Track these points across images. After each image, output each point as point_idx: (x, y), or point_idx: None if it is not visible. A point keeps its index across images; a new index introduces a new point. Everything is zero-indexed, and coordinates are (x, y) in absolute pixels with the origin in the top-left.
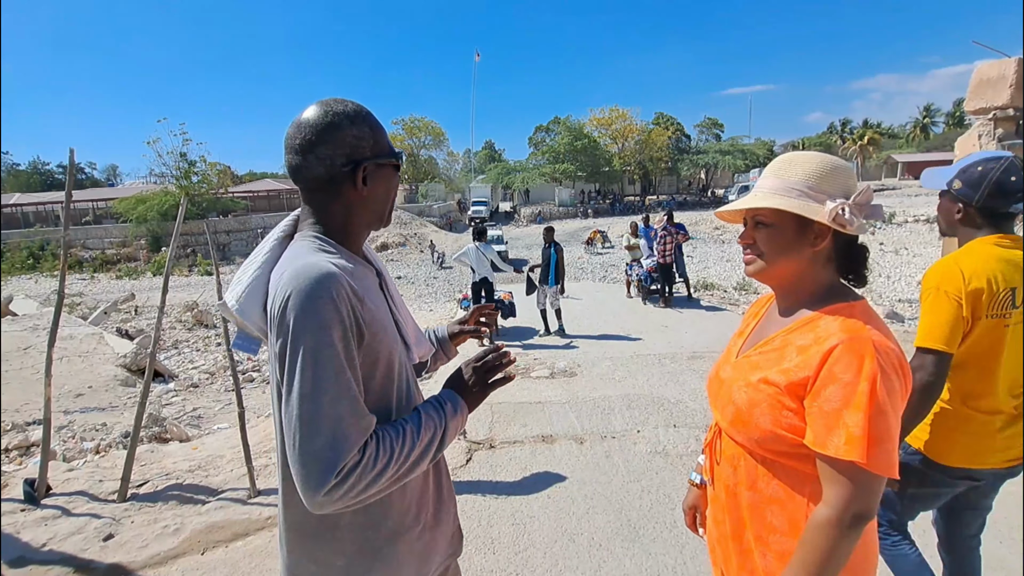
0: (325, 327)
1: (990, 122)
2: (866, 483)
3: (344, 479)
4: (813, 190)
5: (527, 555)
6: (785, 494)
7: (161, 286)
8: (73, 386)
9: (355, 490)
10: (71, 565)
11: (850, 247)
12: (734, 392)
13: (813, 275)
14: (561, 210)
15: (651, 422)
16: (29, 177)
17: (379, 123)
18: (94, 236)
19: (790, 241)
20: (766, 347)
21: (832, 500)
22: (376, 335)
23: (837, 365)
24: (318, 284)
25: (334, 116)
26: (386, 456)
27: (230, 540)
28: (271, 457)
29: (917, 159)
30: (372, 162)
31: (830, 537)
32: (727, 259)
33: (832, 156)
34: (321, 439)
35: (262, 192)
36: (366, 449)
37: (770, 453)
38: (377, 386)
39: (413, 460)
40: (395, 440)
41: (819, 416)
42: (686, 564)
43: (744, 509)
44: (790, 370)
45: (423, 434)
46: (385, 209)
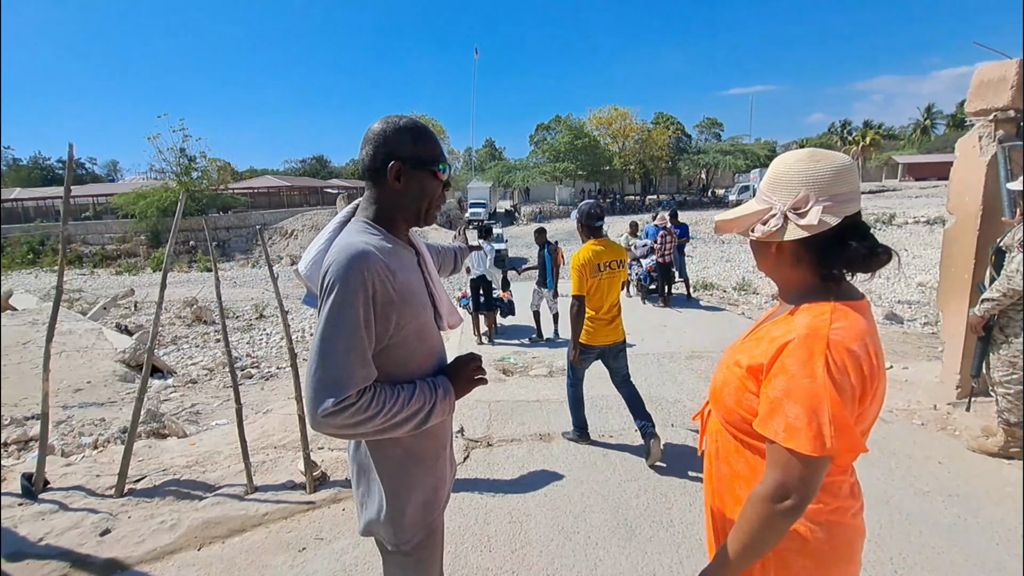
0: (351, 291)
1: (990, 124)
2: (800, 469)
3: (341, 410)
4: (765, 196)
5: (524, 553)
6: (750, 471)
7: (160, 282)
8: (72, 381)
9: (346, 423)
10: (68, 559)
11: (839, 244)
12: (718, 371)
13: (788, 273)
14: (561, 209)
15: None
16: (30, 172)
17: (426, 136)
18: (94, 231)
19: (756, 244)
20: (754, 336)
21: (767, 479)
22: (407, 301)
23: (788, 358)
24: (351, 259)
25: (385, 124)
26: (377, 407)
27: (227, 536)
28: (268, 454)
29: (918, 160)
30: (406, 163)
31: (759, 513)
32: (727, 259)
33: (796, 158)
34: (329, 373)
35: (262, 189)
36: (363, 394)
37: (737, 431)
38: (410, 344)
39: (399, 420)
40: (388, 398)
41: (766, 401)
42: (682, 563)
43: (721, 479)
44: (756, 356)
45: (413, 403)
46: (420, 207)
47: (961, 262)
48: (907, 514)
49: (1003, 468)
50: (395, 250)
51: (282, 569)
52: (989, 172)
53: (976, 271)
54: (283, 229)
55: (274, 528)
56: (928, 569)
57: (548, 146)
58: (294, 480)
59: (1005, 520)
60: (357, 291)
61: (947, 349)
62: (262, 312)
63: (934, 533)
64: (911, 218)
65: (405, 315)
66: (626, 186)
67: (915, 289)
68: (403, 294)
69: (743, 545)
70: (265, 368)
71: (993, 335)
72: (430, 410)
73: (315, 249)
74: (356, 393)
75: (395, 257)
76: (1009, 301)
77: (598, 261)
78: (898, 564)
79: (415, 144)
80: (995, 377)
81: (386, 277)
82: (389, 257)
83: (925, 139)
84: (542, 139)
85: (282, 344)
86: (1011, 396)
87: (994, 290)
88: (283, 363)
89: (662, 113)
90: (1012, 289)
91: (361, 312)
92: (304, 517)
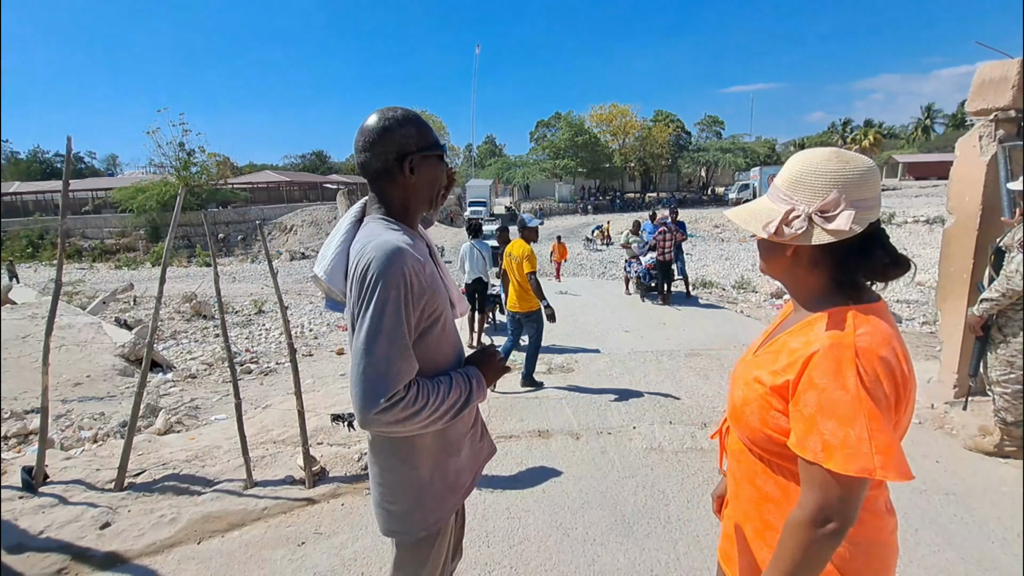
0: (394, 288)
1: (991, 123)
2: (839, 490)
3: (391, 406)
4: (784, 196)
5: (522, 548)
6: (781, 494)
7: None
8: (71, 375)
9: (397, 418)
10: (68, 552)
11: (858, 248)
12: (735, 388)
13: (802, 278)
14: (561, 206)
15: (647, 418)
16: (29, 165)
17: (423, 122)
18: (93, 225)
19: (768, 245)
20: (770, 348)
21: (805, 503)
22: (434, 293)
23: (815, 371)
24: (392, 256)
25: (386, 121)
26: (423, 400)
27: (226, 530)
28: (267, 449)
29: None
30: (418, 155)
31: (801, 540)
32: (726, 257)
33: (820, 158)
34: (378, 370)
35: (261, 184)
36: (410, 388)
37: (764, 452)
38: (438, 337)
39: (443, 411)
40: (432, 391)
41: (799, 420)
42: (679, 560)
43: (747, 502)
44: (778, 372)
45: (452, 394)
46: (433, 193)
47: (960, 262)
48: (903, 512)
49: (999, 467)
50: (416, 244)
51: (281, 563)
52: (989, 172)
53: (975, 271)
54: (282, 224)
55: (273, 522)
56: (924, 567)
57: (548, 143)
58: (293, 475)
59: (1001, 519)
60: (398, 287)
61: (945, 348)
62: (261, 307)
63: (930, 531)
64: (911, 217)
65: (432, 305)
66: (626, 183)
67: (914, 288)
68: (432, 285)
69: (787, 573)
70: (264, 363)
71: (991, 335)
72: (467, 399)
73: (332, 251)
74: (404, 388)
75: (418, 251)
76: (1008, 301)
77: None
78: None
79: (419, 133)
80: (992, 376)
81: (418, 270)
82: (416, 250)
83: (925, 138)
84: (542, 136)
85: (281, 339)
86: (1008, 395)
87: (993, 290)
88: (282, 358)
89: (662, 110)
90: (1011, 289)
91: (403, 308)
92: (303, 512)
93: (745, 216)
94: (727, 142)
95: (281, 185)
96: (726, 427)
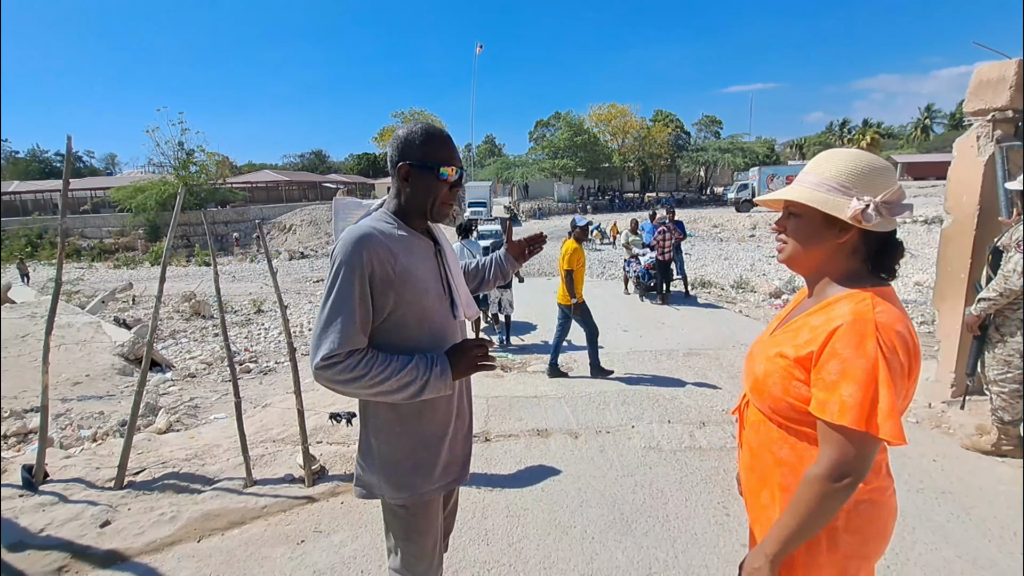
0: (349, 266)
1: (989, 124)
2: (854, 445)
3: (329, 366)
4: (844, 186)
5: (520, 547)
6: (796, 458)
7: (159, 276)
8: (71, 374)
9: (335, 378)
10: (69, 550)
11: (883, 242)
12: (756, 364)
13: (837, 264)
14: (560, 206)
15: (646, 417)
16: (28, 165)
17: (434, 141)
18: (92, 225)
19: (815, 231)
20: (789, 327)
21: (823, 459)
22: (407, 283)
23: (839, 342)
24: (355, 242)
25: (405, 130)
26: (364, 369)
27: (226, 528)
28: (267, 447)
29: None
30: (413, 166)
31: (817, 492)
32: (725, 257)
33: (871, 156)
34: (325, 333)
35: (261, 183)
36: (352, 356)
37: (783, 419)
38: (408, 323)
39: (387, 387)
40: (377, 364)
41: (821, 386)
42: (677, 557)
43: (763, 469)
44: (800, 345)
45: (403, 374)
46: (425, 205)
47: (958, 261)
48: (900, 511)
49: (996, 466)
50: (407, 238)
51: (281, 561)
52: (987, 172)
53: (972, 270)
54: (281, 224)
55: (273, 521)
56: (920, 566)
57: (547, 142)
58: (293, 474)
59: (998, 518)
60: (354, 266)
61: (943, 348)
62: (260, 307)
63: (927, 530)
64: (909, 218)
65: (405, 295)
66: (625, 183)
67: (912, 288)
68: (403, 276)
69: (799, 523)
70: (264, 362)
71: (989, 334)
72: (423, 384)
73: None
74: (345, 353)
75: (403, 244)
76: (1006, 301)
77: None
78: (890, 560)
79: (421, 148)
80: (990, 376)
81: (387, 259)
82: (395, 242)
83: (925, 138)
84: (541, 135)
85: (280, 339)
86: (1006, 395)
87: (991, 289)
88: (282, 357)
89: (661, 110)
90: (1009, 289)
91: (357, 287)
92: (303, 510)
93: (807, 196)
94: (726, 142)
95: (280, 184)
96: (745, 402)
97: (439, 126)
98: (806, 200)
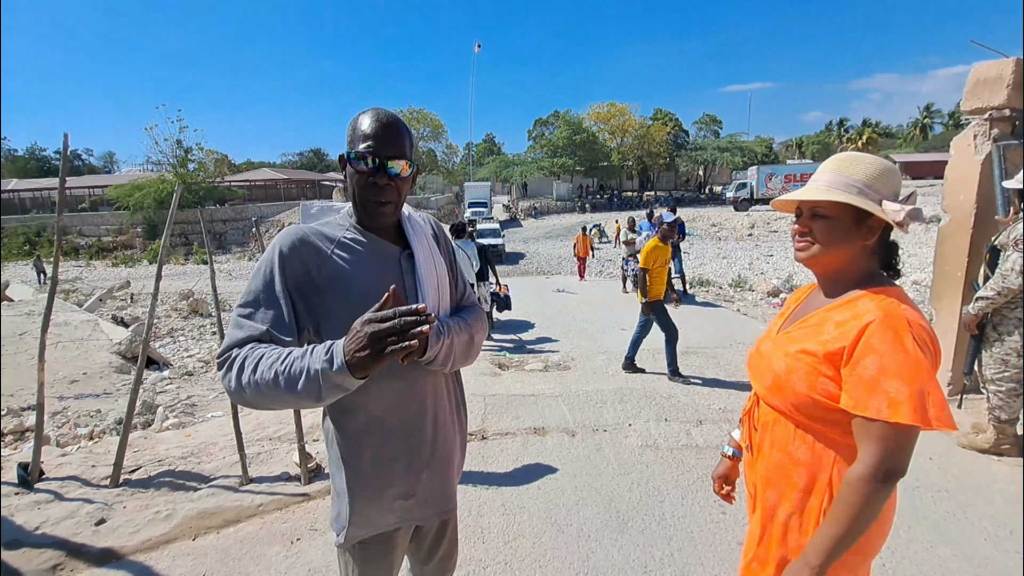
0: (261, 261)
1: (986, 122)
2: (899, 441)
3: (221, 366)
4: (871, 188)
5: (516, 545)
6: (812, 457)
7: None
8: (68, 372)
9: (227, 378)
10: (64, 549)
11: (889, 242)
12: (773, 362)
13: (858, 264)
14: (559, 204)
15: (643, 416)
16: (26, 163)
17: (358, 124)
18: (90, 223)
19: (846, 232)
20: (805, 324)
21: (867, 458)
22: (335, 291)
23: (874, 337)
24: (279, 237)
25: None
26: (251, 366)
27: (221, 526)
28: (263, 445)
29: (915, 159)
30: (342, 155)
31: (863, 492)
32: (723, 256)
33: (885, 159)
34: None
35: (259, 181)
36: (240, 353)
37: (804, 417)
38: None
39: (269, 383)
40: (261, 359)
41: (858, 383)
42: (673, 556)
43: (773, 469)
44: (827, 341)
45: (286, 367)
46: (356, 196)
47: (955, 260)
48: (897, 509)
49: (993, 465)
50: (357, 241)
51: (276, 559)
52: (984, 171)
53: (969, 269)
54: (280, 222)
55: (269, 519)
56: (917, 564)
57: (546, 141)
58: (289, 472)
59: (995, 516)
60: (272, 262)
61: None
62: None
63: (923, 528)
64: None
65: (328, 304)
66: (624, 182)
67: (910, 287)
68: (331, 281)
69: (846, 529)
70: None
71: (986, 333)
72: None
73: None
74: (237, 350)
75: (346, 247)
76: (1003, 300)
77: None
78: (887, 558)
79: (349, 134)
80: (987, 375)
81: (311, 260)
82: (335, 245)
83: (923, 138)
84: (540, 134)
85: None
86: (1003, 394)
87: (988, 288)
88: None
89: (660, 109)
90: (1006, 288)
91: (265, 284)
92: (299, 508)
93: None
94: (725, 141)
95: (279, 183)
96: (755, 402)
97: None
98: (848, 200)
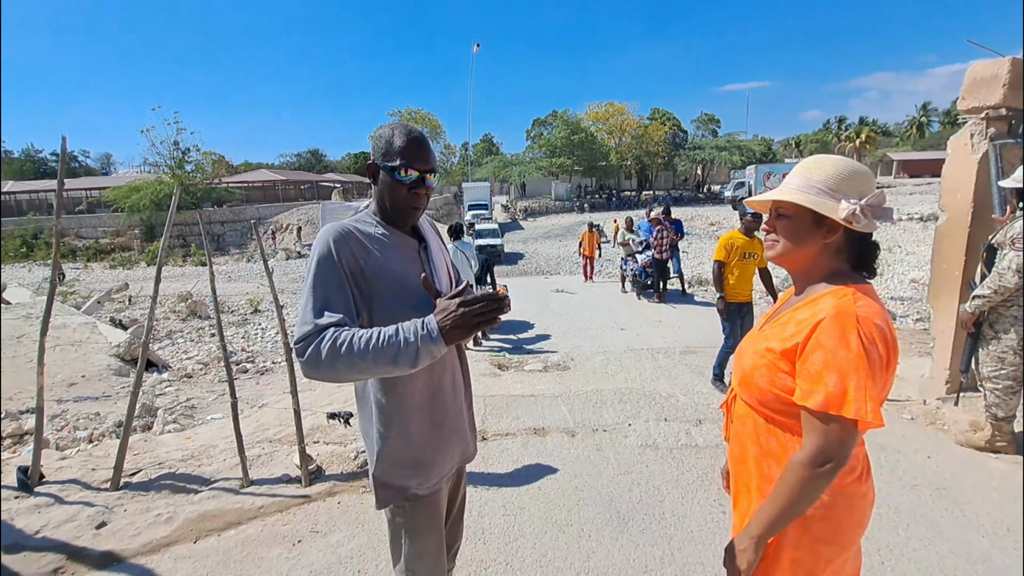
0: (320, 257)
1: (983, 121)
2: (837, 432)
3: (305, 347)
4: (831, 189)
5: (517, 545)
6: (781, 449)
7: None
8: (67, 375)
9: (312, 358)
10: (65, 552)
11: (862, 242)
12: (744, 359)
13: (823, 263)
14: (558, 204)
15: (642, 416)
16: (22, 165)
17: (397, 141)
18: (88, 225)
19: (805, 232)
20: (777, 322)
21: (807, 445)
22: (379, 277)
23: (823, 334)
24: (324, 233)
25: (377, 131)
26: (345, 343)
27: (222, 529)
28: (264, 448)
29: (913, 157)
30: (377, 165)
31: (800, 476)
32: None
33: (854, 162)
34: (299, 320)
35: (257, 182)
36: (325, 331)
37: (770, 411)
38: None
39: (371, 361)
40: (357, 337)
41: (806, 376)
42: (673, 555)
43: (750, 461)
44: (786, 339)
45: (381, 342)
46: (392, 203)
47: (952, 259)
48: (894, 507)
49: (990, 462)
50: (385, 236)
51: (277, 561)
52: (981, 170)
53: (967, 268)
54: (278, 223)
55: (270, 521)
56: (914, 561)
57: (545, 141)
58: (289, 474)
59: (992, 514)
60: (325, 255)
61: (937, 345)
62: (257, 306)
63: (921, 526)
64: (905, 215)
65: (377, 290)
66: (622, 182)
67: (908, 285)
68: (376, 270)
69: (782, 508)
70: (260, 362)
71: (983, 331)
72: (416, 351)
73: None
74: (315, 332)
75: (379, 242)
76: (1000, 298)
77: (743, 249)
78: (885, 556)
79: (385, 148)
80: (984, 372)
81: (358, 252)
82: (371, 240)
83: (920, 136)
84: (539, 134)
85: (277, 339)
86: (999, 391)
87: (985, 287)
88: (278, 357)
89: (658, 108)
90: (1003, 286)
91: (329, 275)
92: (300, 510)
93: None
94: (723, 140)
95: (277, 184)
96: (732, 396)
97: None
98: (799, 201)
